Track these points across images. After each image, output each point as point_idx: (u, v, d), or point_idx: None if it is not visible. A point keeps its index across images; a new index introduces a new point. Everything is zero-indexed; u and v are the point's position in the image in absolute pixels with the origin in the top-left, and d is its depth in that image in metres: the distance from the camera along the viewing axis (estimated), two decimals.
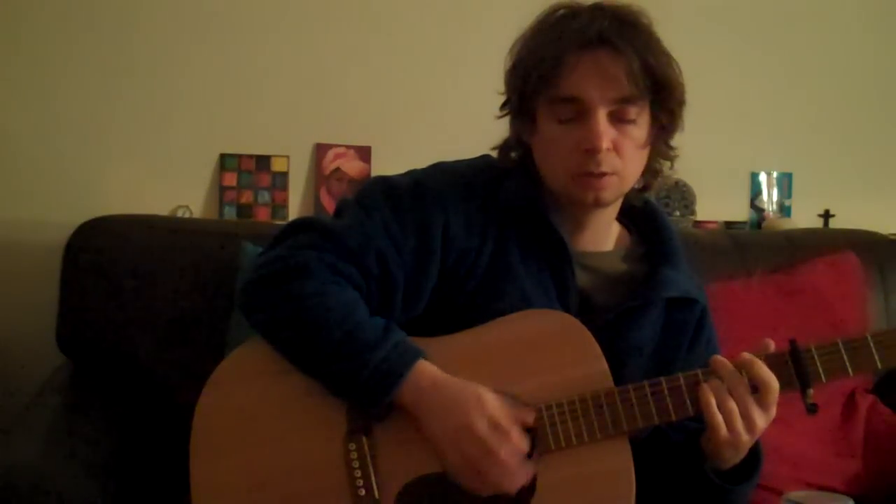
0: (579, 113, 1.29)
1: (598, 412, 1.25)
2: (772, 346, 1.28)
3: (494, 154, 1.43)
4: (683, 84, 1.34)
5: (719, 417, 1.23)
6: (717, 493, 1.31)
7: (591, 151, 1.29)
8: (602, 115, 1.28)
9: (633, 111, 1.30)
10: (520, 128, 1.38)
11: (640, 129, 1.32)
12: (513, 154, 1.42)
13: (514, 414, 1.24)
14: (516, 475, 1.22)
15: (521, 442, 1.23)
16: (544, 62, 1.29)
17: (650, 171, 1.40)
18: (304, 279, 1.28)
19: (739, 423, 1.23)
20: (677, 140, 1.40)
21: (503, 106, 1.40)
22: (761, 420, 1.24)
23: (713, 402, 1.24)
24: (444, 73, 2.46)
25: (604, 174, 1.30)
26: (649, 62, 1.28)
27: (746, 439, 1.25)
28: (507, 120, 1.42)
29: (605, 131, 1.28)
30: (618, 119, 1.30)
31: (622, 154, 1.30)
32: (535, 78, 1.30)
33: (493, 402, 1.23)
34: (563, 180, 1.34)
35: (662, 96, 1.31)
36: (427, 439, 1.25)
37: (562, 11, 1.33)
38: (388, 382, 1.24)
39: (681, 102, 1.35)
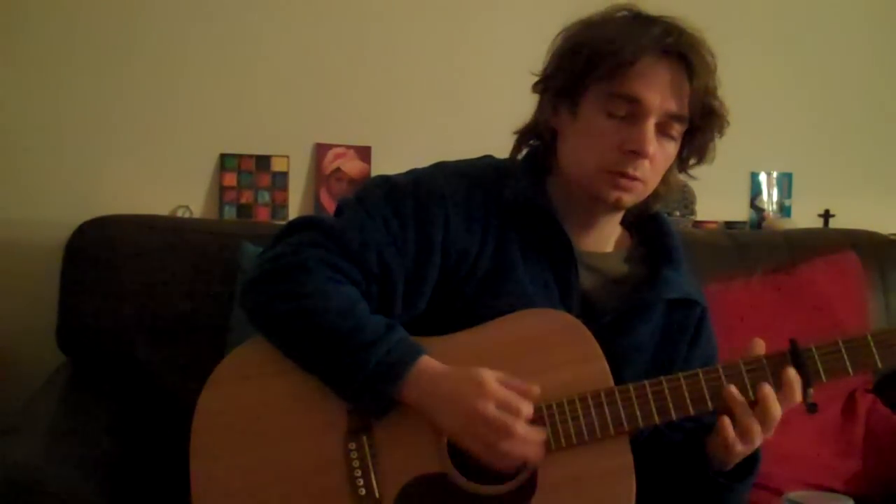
0: (632, 114, 1.30)
1: (598, 412, 1.25)
2: (761, 345, 1.28)
3: (509, 143, 1.44)
4: (728, 120, 1.36)
5: (736, 442, 1.25)
6: (719, 491, 1.32)
7: (636, 154, 1.30)
8: (652, 123, 1.29)
9: (677, 128, 1.32)
10: (551, 111, 1.37)
11: (675, 146, 1.34)
12: (532, 140, 1.42)
13: (519, 388, 1.23)
14: (538, 445, 1.23)
15: (530, 412, 1.23)
16: (620, 54, 1.28)
17: (663, 187, 1.41)
18: (304, 277, 1.28)
19: (758, 440, 1.26)
20: None
21: (537, 84, 1.39)
22: (759, 438, 1.26)
23: (732, 433, 1.25)
24: (444, 74, 2.46)
25: (636, 178, 1.31)
26: (708, 87, 1.30)
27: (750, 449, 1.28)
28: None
29: (653, 138, 1.30)
30: (661, 132, 1.31)
31: (655, 165, 1.32)
32: (603, 66, 1.30)
33: (495, 384, 1.23)
34: (591, 173, 1.33)
35: (707, 124, 1.33)
36: (426, 438, 1.25)
37: (635, 12, 1.33)
38: (390, 380, 1.24)
39: (720, 134, 1.37)
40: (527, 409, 1.22)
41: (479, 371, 1.24)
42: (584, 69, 1.31)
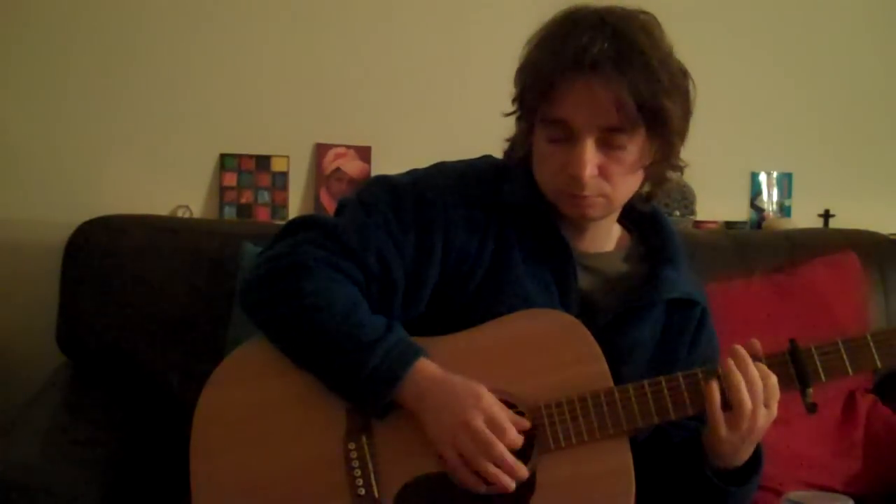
0: (568, 136, 1.27)
1: (597, 412, 1.25)
2: (757, 345, 1.28)
3: (504, 146, 1.43)
4: (684, 113, 1.30)
5: (720, 415, 1.24)
6: (717, 494, 1.31)
7: (575, 178, 1.28)
8: (589, 143, 1.26)
9: (622, 138, 1.27)
10: (523, 129, 1.37)
11: (630, 154, 1.28)
12: (517, 150, 1.42)
13: (511, 416, 1.24)
14: (512, 473, 1.22)
15: (516, 440, 1.23)
16: (539, 82, 1.27)
17: (654, 181, 1.39)
18: (304, 277, 1.28)
19: (745, 422, 1.23)
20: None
21: (513, 102, 1.38)
22: (763, 419, 1.24)
23: (717, 399, 1.24)
24: (444, 73, 2.46)
25: (587, 196, 1.30)
26: (641, 92, 1.23)
27: (746, 437, 1.25)
28: (506, 120, 1.42)
29: (590, 159, 1.26)
30: (606, 145, 1.27)
31: (609, 178, 1.29)
32: (530, 94, 1.29)
33: (490, 401, 1.23)
34: (550, 194, 1.34)
35: (656, 126, 1.27)
36: (427, 438, 1.25)
37: (572, 17, 1.28)
38: (389, 381, 1.24)
39: (678, 133, 1.31)
40: (513, 432, 1.22)
41: (479, 385, 1.24)
42: (520, 99, 1.32)
